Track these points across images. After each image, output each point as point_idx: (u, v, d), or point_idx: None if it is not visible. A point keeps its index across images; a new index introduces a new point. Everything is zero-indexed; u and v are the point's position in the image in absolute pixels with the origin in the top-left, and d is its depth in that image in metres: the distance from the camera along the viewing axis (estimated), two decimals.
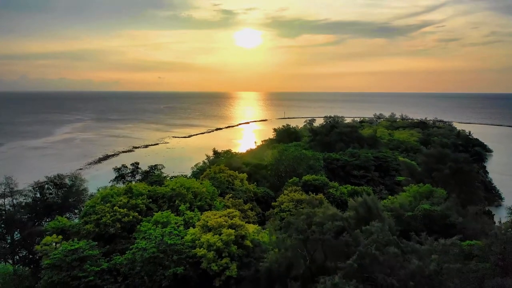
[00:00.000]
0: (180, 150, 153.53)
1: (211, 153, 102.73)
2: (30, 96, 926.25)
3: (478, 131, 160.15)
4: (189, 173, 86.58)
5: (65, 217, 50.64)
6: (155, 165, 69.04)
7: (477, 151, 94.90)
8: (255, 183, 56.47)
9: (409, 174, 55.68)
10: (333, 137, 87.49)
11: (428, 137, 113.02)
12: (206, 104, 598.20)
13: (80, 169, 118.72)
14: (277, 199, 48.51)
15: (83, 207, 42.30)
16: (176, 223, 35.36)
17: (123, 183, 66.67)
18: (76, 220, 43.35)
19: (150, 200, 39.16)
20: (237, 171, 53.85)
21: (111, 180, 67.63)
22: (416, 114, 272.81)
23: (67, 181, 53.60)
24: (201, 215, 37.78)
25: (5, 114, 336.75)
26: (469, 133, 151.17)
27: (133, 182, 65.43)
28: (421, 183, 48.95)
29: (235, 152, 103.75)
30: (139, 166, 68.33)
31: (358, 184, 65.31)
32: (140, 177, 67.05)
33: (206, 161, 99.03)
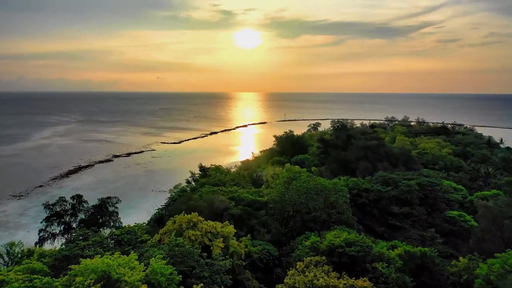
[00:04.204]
0: (166, 160, 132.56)
1: (200, 165, 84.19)
2: (28, 97, 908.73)
3: (500, 137, 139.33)
4: (166, 198, 65.70)
5: None
6: (108, 197, 48.36)
7: None
8: (249, 235, 36.14)
9: (490, 222, 35.49)
10: (353, 153, 66.38)
11: (464, 148, 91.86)
12: (204, 105, 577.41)
13: (40, 186, 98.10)
14: (285, 280, 28.15)
15: None
16: None
17: (58, 224, 46.38)
18: None
19: None
20: (219, 222, 33.26)
21: (42, 221, 47.27)
22: (429, 117, 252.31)
23: None
24: None
25: None
26: (501, 140, 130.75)
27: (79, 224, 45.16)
28: None
29: (226, 168, 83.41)
30: (83, 199, 47.73)
31: (399, 227, 45.16)
32: (84, 216, 46.61)
33: (190, 179, 79.88)
